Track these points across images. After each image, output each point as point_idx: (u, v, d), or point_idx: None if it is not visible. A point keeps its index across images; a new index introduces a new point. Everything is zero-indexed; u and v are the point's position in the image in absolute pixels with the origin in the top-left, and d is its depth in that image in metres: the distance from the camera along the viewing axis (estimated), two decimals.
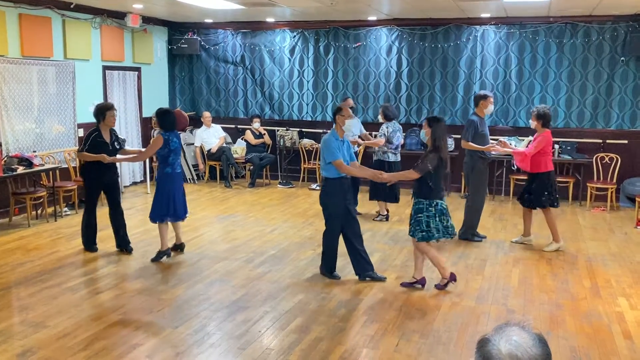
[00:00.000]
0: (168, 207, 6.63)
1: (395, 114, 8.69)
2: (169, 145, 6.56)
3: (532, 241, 7.40)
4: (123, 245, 6.97)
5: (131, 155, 7.12)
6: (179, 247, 6.90)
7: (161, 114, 6.77)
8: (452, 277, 5.74)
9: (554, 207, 7.12)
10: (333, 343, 4.54)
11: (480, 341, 1.48)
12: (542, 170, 7.04)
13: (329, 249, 6.08)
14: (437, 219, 5.54)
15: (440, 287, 5.76)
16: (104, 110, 6.73)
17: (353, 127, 8.58)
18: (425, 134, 5.66)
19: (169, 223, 6.77)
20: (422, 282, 5.80)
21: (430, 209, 5.54)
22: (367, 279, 5.97)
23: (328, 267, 6.09)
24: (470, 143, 7.28)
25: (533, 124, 7.14)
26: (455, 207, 8.97)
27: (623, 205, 9.63)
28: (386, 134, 8.32)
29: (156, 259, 6.63)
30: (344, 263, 6.19)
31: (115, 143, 6.85)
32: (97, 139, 6.66)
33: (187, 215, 6.93)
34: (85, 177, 6.92)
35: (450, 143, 9.89)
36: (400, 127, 8.58)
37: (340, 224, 5.99)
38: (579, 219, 8.83)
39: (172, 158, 6.63)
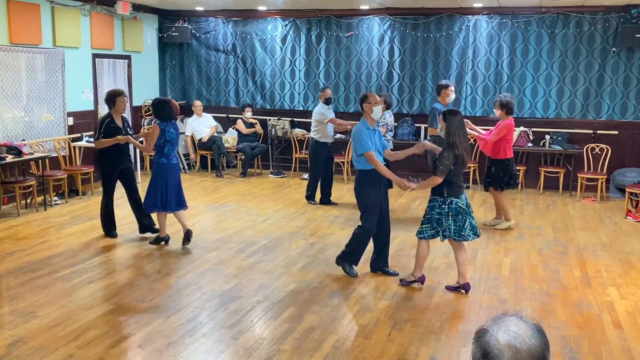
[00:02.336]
0: (157, 198, 6.57)
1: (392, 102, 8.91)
2: (165, 135, 6.52)
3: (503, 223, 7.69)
4: (148, 229, 7.06)
5: (139, 142, 7.00)
6: (186, 237, 6.67)
7: (157, 104, 6.70)
8: (422, 279, 5.54)
9: (508, 189, 7.67)
10: (326, 332, 4.55)
11: (478, 332, 1.47)
12: (500, 157, 7.44)
13: (360, 244, 5.75)
14: (451, 218, 5.24)
15: (405, 282, 5.58)
16: (114, 97, 6.89)
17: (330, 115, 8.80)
18: (440, 129, 5.42)
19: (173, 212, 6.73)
20: (465, 287, 5.43)
21: (443, 207, 5.27)
22: (379, 272, 5.90)
23: (353, 260, 5.82)
24: (437, 130, 7.42)
25: (497, 112, 7.49)
26: None
27: (613, 196, 9.68)
28: (389, 123, 8.37)
29: (154, 242, 6.76)
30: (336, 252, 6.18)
31: (128, 129, 7.07)
32: (111, 124, 6.82)
33: (183, 207, 6.77)
34: (101, 164, 7.01)
35: None
36: None
37: (377, 219, 5.70)
38: (569, 209, 8.88)
39: (168, 148, 6.57)
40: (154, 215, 6.92)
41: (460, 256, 5.45)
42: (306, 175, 10.90)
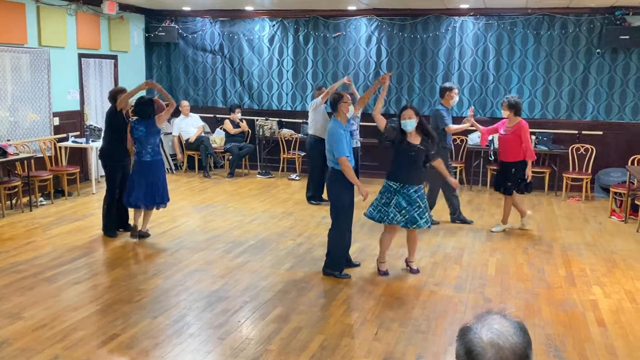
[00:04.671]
0: (126, 192, 6.79)
1: None
2: (132, 132, 6.65)
3: (511, 226, 7.68)
4: (123, 225, 7.22)
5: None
6: (140, 234, 6.91)
7: (137, 103, 6.80)
8: (382, 271, 5.87)
9: (526, 192, 7.60)
10: (313, 332, 4.56)
11: (461, 330, 1.49)
12: (522, 159, 7.26)
13: (337, 247, 5.79)
14: (379, 194, 5.76)
15: (382, 273, 5.88)
16: (116, 95, 7.04)
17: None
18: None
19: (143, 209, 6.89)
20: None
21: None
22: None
23: (337, 267, 5.82)
24: (452, 127, 7.54)
25: (505, 113, 7.37)
26: None
27: (598, 196, 9.78)
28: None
29: (135, 236, 6.90)
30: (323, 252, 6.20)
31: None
32: (117, 116, 6.94)
33: (141, 205, 6.80)
34: (106, 159, 7.08)
35: None
36: None
37: (350, 218, 5.81)
38: (554, 208, 8.96)
39: (138, 146, 6.68)
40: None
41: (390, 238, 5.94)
42: (294, 176, 10.93)
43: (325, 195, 8.79)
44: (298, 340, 4.42)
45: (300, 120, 11.05)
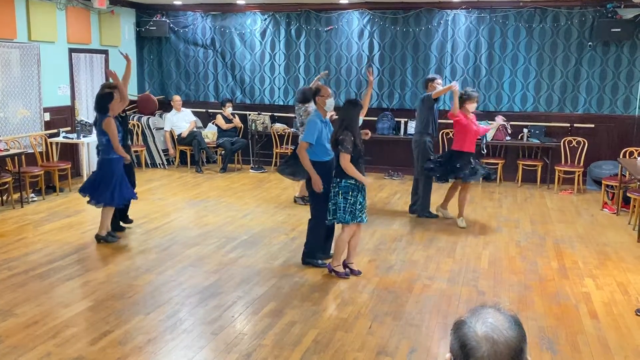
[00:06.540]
0: (113, 193, 6.54)
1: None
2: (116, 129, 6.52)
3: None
4: (122, 219, 7.12)
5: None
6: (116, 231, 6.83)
7: (96, 100, 6.66)
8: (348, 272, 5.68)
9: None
10: (306, 326, 4.56)
11: (456, 323, 1.48)
12: (466, 150, 7.44)
13: (317, 236, 5.93)
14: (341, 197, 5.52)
15: (331, 269, 5.67)
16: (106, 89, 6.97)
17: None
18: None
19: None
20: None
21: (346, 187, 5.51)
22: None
23: (313, 255, 5.95)
24: (437, 91, 7.65)
25: None
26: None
27: (590, 188, 9.82)
28: None
29: (103, 239, 6.61)
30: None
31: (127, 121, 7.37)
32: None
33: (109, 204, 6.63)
34: None
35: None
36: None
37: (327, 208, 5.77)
38: (547, 201, 8.99)
39: (114, 143, 6.52)
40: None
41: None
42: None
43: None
44: (292, 334, 4.42)
45: (293, 115, 11.00)
